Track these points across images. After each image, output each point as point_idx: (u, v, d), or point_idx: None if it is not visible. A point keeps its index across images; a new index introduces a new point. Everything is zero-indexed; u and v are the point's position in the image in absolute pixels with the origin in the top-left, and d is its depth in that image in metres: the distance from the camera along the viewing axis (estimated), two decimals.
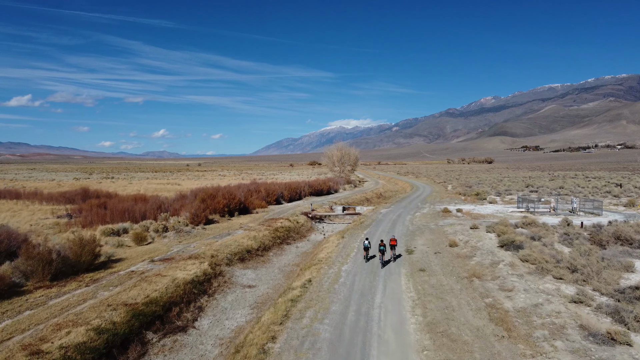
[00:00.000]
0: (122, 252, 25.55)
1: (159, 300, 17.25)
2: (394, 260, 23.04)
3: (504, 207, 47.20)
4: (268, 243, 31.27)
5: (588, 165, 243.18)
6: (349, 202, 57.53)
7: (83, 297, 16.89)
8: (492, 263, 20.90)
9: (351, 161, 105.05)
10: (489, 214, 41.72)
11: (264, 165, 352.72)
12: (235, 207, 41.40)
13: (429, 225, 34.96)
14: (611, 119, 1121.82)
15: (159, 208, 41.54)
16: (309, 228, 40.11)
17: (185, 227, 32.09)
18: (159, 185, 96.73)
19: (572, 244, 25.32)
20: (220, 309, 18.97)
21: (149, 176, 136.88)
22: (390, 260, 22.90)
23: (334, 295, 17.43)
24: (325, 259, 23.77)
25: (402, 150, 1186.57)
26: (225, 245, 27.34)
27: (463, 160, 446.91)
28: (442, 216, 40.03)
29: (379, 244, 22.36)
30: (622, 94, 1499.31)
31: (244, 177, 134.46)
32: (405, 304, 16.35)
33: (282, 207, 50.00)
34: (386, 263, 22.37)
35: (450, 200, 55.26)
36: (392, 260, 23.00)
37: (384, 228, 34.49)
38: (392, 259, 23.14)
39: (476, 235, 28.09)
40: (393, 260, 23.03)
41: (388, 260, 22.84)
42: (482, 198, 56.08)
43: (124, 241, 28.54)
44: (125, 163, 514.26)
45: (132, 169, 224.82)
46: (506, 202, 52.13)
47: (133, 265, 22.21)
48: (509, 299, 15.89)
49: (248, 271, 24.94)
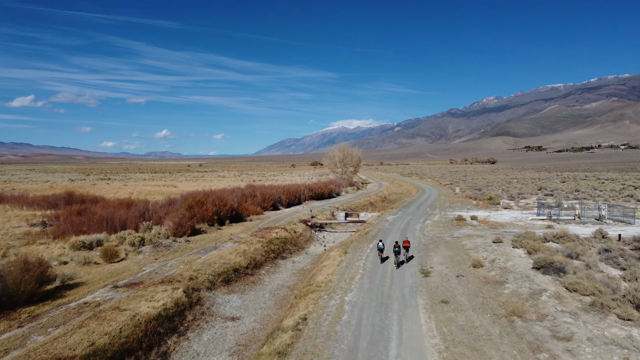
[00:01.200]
0: (85, 273, 21.56)
1: (107, 349, 13.24)
2: (407, 261, 24.24)
3: (522, 214, 43.06)
4: (260, 259, 27.22)
5: (594, 165, 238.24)
6: (352, 207, 53.45)
7: (5, 347, 12.88)
8: (532, 293, 16.80)
9: (353, 162, 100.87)
10: (508, 222, 37.59)
11: (266, 166, 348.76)
12: (226, 214, 37.36)
13: (443, 236, 30.85)
14: (614, 119, 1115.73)
15: (142, 216, 37.56)
16: (307, 238, 36.03)
17: (165, 239, 28.04)
18: (154, 187, 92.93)
19: (620, 263, 21.23)
20: (190, 355, 14.94)
21: (146, 177, 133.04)
22: (405, 261, 24.11)
23: (334, 343, 13.33)
24: (325, 284, 19.70)
25: (404, 150, 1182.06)
26: (208, 264, 23.32)
27: (466, 161, 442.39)
28: (456, 225, 35.92)
29: (393, 246, 23.64)
30: (625, 94, 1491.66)
31: (243, 178, 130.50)
32: (430, 358, 12.30)
33: (280, 213, 45.94)
34: (401, 264, 23.61)
35: (462, 205, 51.10)
36: (406, 261, 24.22)
37: (393, 240, 30.43)
38: (406, 259, 24.36)
39: (502, 251, 23.98)
40: (407, 261, 24.23)
41: (402, 260, 24.06)
42: (495, 203, 51.94)
43: (92, 257, 24.56)
44: (126, 163, 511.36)
45: (131, 170, 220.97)
46: (522, 208, 47.97)
47: (90, 293, 18.18)
48: (571, 355, 11.80)
49: (233, 297, 20.90)
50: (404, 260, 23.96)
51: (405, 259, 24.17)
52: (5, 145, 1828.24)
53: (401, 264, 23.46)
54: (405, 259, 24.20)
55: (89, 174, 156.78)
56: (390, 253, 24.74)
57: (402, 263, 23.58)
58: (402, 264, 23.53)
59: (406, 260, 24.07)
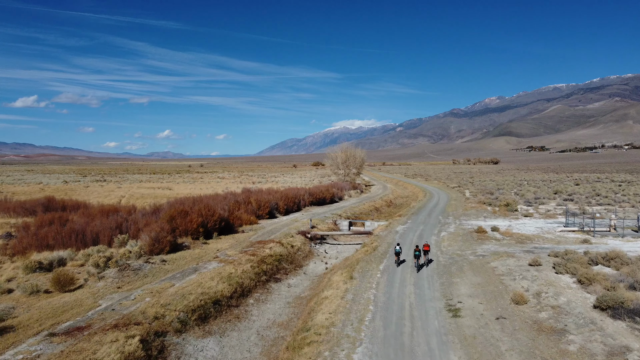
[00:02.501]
0: (25, 309, 17.08)
1: None
2: (427, 265, 24.45)
3: (546, 223, 38.43)
4: (248, 283, 22.69)
5: (601, 166, 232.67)
6: (356, 214, 48.90)
7: None
8: (610, 353, 12.26)
9: (357, 164, 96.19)
10: (534, 234, 32.98)
11: (267, 166, 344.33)
12: (214, 226, 32.82)
13: (466, 254, 26.27)
14: (617, 119, 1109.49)
15: (120, 227, 33.03)
16: (306, 253, 31.48)
17: (136, 260, 23.52)
18: (149, 189, 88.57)
19: None
20: None
21: (143, 179, 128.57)
22: (425, 264, 24.45)
23: None
24: (326, 330, 15.13)
25: (406, 150, 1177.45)
26: (182, 295, 18.80)
27: (469, 161, 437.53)
28: (477, 239, 31.31)
29: (414, 250, 24.11)
30: (628, 94, 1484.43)
31: (243, 179, 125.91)
32: None
33: (276, 222, 41.37)
34: (420, 267, 23.89)
35: (477, 212, 46.45)
36: (426, 265, 24.44)
37: (405, 258, 25.88)
38: (426, 263, 24.59)
39: (545, 279, 19.38)
40: (426, 265, 24.44)
41: (422, 264, 24.36)
42: (513, 209, 47.29)
43: (44, 285, 20.09)
44: (127, 164, 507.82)
45: (130, 171, 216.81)
46: (544, 215, 43.31)
47: (14, 345, 13.71)
48: None
49: (209, 342, 16.39)
50: (423, 264, 24.44)
51: (425, 262, 24.63)
52: (8, 146, 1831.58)
53: (421, 267, 23.92)
54: (426, 263, 24.64)
55: (85, 175, 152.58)
56: (408, 256, 25.72)
57: (421, 267, 24.03)
58: (422, 267, 24.01)
59: (426, 264, 24.50)
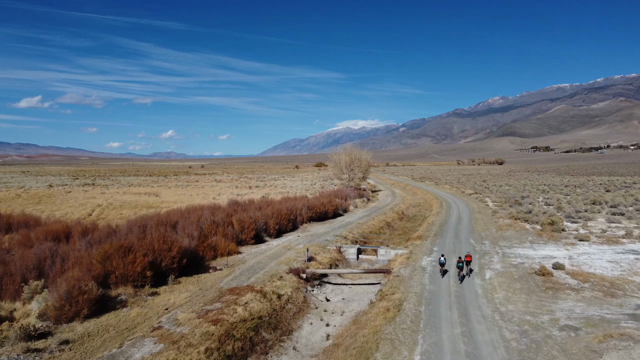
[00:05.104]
0: None
1: None
2: (468, 275, 24.30)
3: (615, 253, 28.97)
4: None
5: (612, 167, 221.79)
6: (365, 235, 39.54)
7: None
8: None
9: (362, 167, 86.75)
10: (616, 275, 23.59)
11: (269, 167, 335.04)
12: (171, 264, 23.51)
13: (544, 325, 16.91)
14: (622, 119, 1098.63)
15: (41, 264, 23.73)
16: (299, 307, 22.09)
17: (11, 344, 14.29)
18: (133, 196, 79.58)
19: None
20: None
21: (135, 182, 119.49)
22: (467, 275, 24.22)
23: None
24: None
25: (409, 150, 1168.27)
26: None
27: (473, 162, 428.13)
28: (543, 286, 21.90)
29: (457, 261, 24.20)
30: (633, 94, 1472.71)
31: (240, 183, 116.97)
32: None
33: (263, 250, 31.92)
34: (462, 278, 23.57)
35: (518, 235, 36.91)
36: (467, 275, 24.25)
37: (449, 333, 16.67)
38: (467, 274, 24.32)
39: None
40: (468, 275, 24.25)
41: (464, 275, 23.91)
42: (559, 229, 37.94)
43: None
44: (127, 165, 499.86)
45: (128, 172, 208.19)
46: (604, 239, 33.81)
47: None
48: None
49: None
50: (465, 275, 24.11)
51: (467, 274, 24.45)
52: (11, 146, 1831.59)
53: (463, 278, 23.72)
54: (467, 274, 24.47)
55: (77, 178, 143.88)
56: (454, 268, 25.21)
57: (463, 278, 23.82)
58: (464, 278, 23.81)
59: (468, 275, 24.41)
